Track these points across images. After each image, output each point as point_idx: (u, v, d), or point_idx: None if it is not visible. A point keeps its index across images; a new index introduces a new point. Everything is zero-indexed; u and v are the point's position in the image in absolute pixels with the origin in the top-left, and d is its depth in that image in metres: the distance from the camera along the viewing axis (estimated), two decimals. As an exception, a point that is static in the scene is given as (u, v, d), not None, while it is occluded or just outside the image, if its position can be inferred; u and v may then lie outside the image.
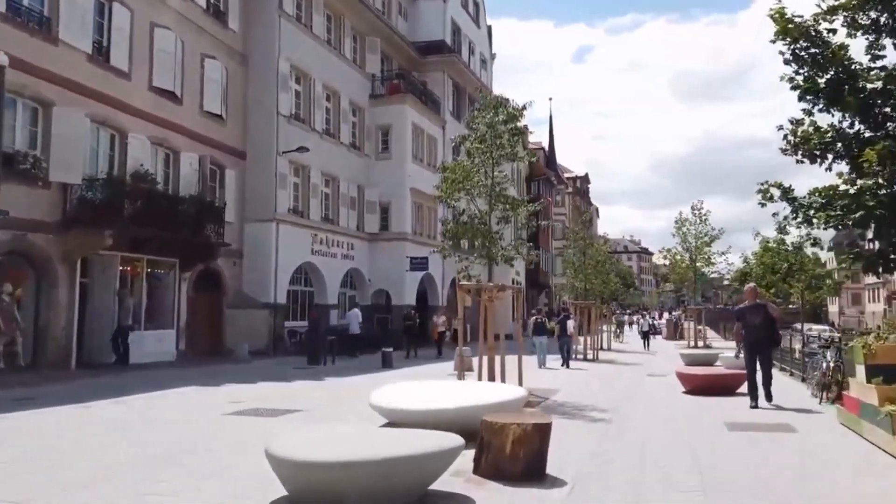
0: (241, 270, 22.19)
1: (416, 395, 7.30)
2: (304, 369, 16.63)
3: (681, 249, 32.08)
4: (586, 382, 14.41)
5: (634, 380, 15.14)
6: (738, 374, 12.05)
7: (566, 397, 11.40)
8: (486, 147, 11.85)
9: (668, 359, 22.25)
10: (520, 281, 46.49)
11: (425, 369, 17.00)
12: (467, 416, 6.43)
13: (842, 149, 8.62)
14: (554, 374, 16.72)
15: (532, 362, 19.00)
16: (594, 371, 17.63)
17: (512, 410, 7.21)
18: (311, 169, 24.37)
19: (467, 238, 11.99)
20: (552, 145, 64.53)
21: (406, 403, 6.93)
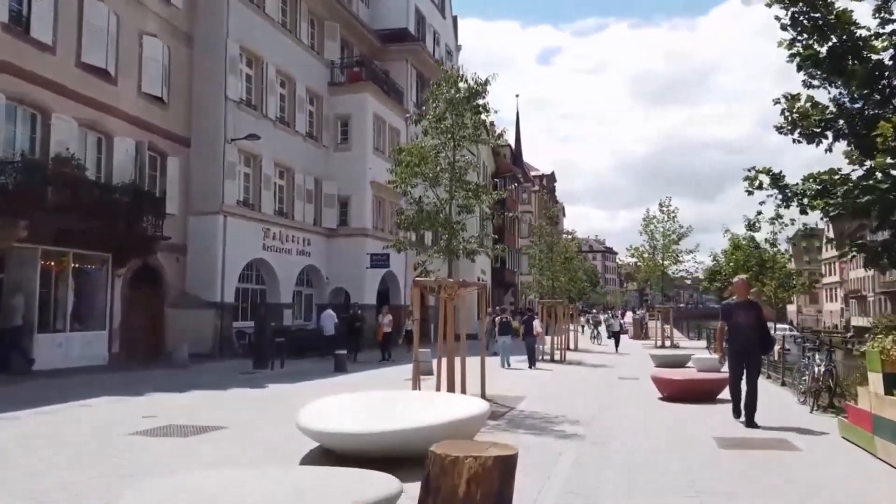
0: (184, 267, 20.52)
1: (354, 412, 6.03)
2: (248, 374, 15.17)
3: (648, 247, 31.44)
4: (555, 387, 13.31)
5: (605, 384, 14.11)
6: (718, 379, 11.08)
7: (534, 406, 10.25)
8: (447, 127, 10.62)
9: (637, 360, 21.39)
10: (485, 279, 45.51)
11: (382, 375, 15.70)
12: (415, 440, 5.21)
13: (844, 126, 7.63)
14: (519, 376, 15.61)
15: (496, 365, 17.97)
16: (562, 374, 16.58)
17: (471, 431, 5.99)
18: (263, 159, 22.81)
19: (424, 229, 10.73)
20: (518, 142, 63.77)
21: (340, 424, 5.65)
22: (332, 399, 6.75)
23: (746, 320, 8.26)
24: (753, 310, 8.40)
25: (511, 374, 16.43)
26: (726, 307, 8.72)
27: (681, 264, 30.56)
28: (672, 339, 30.19)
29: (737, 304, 8.50)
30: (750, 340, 8.24)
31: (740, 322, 8.32)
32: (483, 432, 7.53)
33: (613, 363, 20.23)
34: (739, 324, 8.33)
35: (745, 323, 8.26)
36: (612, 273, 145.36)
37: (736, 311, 8.43)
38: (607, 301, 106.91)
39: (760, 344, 8.38)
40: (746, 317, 8.29)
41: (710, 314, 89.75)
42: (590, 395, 11.85)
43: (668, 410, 9.90)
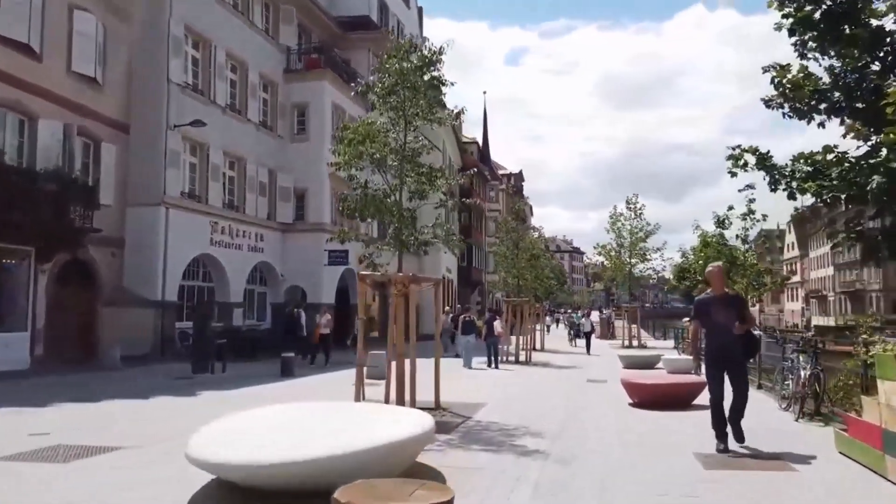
0: (121, 262, 18.97)
1: (262, 435, 4.85)
2: (185, 379, 13.80)
3: (615, 245, 30.74)
4: (518, 392, 12.29)
5: (572, 388, 13.14)
6: (692, 384, 10.18)
7: (493, 414, 9.19)
8: (397, 102, 9.49)
9: (604, 360, 20.58)
10: (451, 278, 44.46)
11: (332, 380, 14.46)
12: (330, 471, 4.08)
13: (841, 99, 6.73)
14: (482, 379, 14.56)
15: (457, 366, 16.92)
16: (527, 376, 15.59)
17: (407, 456, 4.87)
18: (211, 147, 21.33)
19: (370, 216, 9.58)
20: (486, 140, 62.91)
21: (235, 452, 4.45)
22: (239, 417, 5.55)
23: (726, 319, 6.66)
24: (734, 306, 6.83)
25: (473, 376, 15.38)
26: (700, 304, 7.03)
27: (648, 262, 29.94)
28: (640, 338, 29.57)
29: (713, 300, 6.85)
30: (730, 344, 6.65)
31: (719, 322, 6.71)
32: (431, 450, 6.44)
33: (581, 364, 19.35)
34: (717, 324, 6.72)
35: (725, 323, 6.66)
36: (580, 273, 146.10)
37: (712, 308, 6.80)
38: (574, 301, 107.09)
39: (744, 348, 6.80)
40: (726, 315, 6.69)
41: (675, 313, 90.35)
42: (555, 402, 10.84)
43: (641, 419, 8.93)
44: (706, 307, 6.89)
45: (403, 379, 8.82)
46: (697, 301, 7.23)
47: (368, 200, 9.35)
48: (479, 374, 16.30)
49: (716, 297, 6.87)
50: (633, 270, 30.63)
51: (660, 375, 11.55)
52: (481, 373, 16.67)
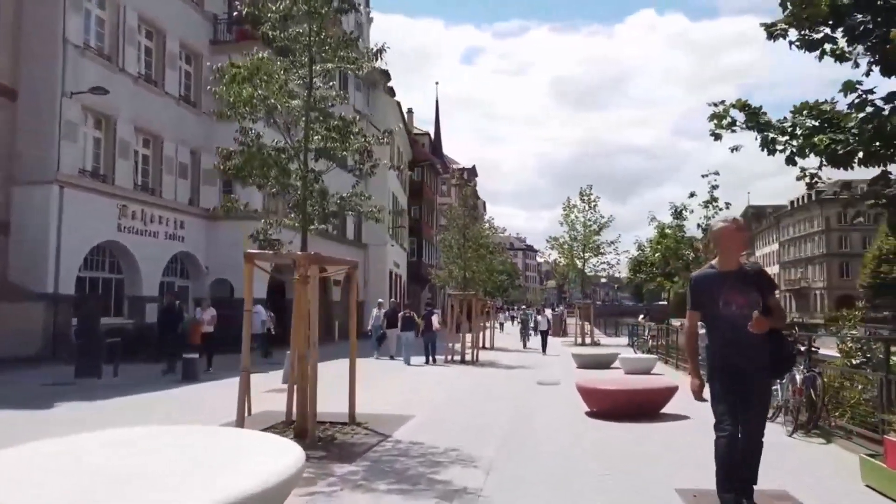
0: (6, 249, 16.36)
1: (25, 482, 2.86)
2: (63, 385, 11.50)
3: (568, 238, 29.40)
4: (456, 398, 10.48)
5: (520, 392, 11.41)
6: (661, 390, 8.57)
7: (420, 431, 7.36)
8: (300, 36, 7.54)
9: (557, 359, 19.03)
10: (400, 273, 42.49)
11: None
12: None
13: (867, 21, 5.14)
14: (418, 381, 12.72)
15: (392, 367, 15.08)
16: (470, 378, 13.82)
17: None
18: (119, 121, 18.81)
19: (259, 178, 7.60)
20: (438, 132, 61.17)
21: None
22: (23, 450, 3.53)
23: (741, 308, 4.05)
24: (754, 286, 4.14)
25: (409, 378, 13.52)
26: (701, 283, 4.29)
27: (602, 256, 28.70)
28: (592, 336, 28.30)
29: (720, 278, 4.18)
30: (747, 349, 4.04)
31: (729, 313, 4.10)
32: (317, 493, 4.55)
33: (531, 364, 17.72)
34: (727, 317, 4.10)
35: (739, 314, 4.05)
36: (533, 271, 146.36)
37: (719, 290, 4.15)
38: (527, 298, 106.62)
39: (772, 358, 4.13)
40: (741, 301, 4.08)
41: (626, 311, 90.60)
42: (498, 411, 9.07)
43: (603, 437, 7.23)
44: (709, 288, 4.18)
45: (304, 389, 6.89)
46: (696, 280, 4.34)
47: (254, 156, 7.34)
48: (417, 374, 14.47)
49: (725, 272, 4.16)
50: (586, 265, 29.39)
51: (621, 380, 9.94)
52: (420, 373, 14.86)
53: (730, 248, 4.25)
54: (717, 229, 4.32)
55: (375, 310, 19.21)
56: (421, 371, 15.42)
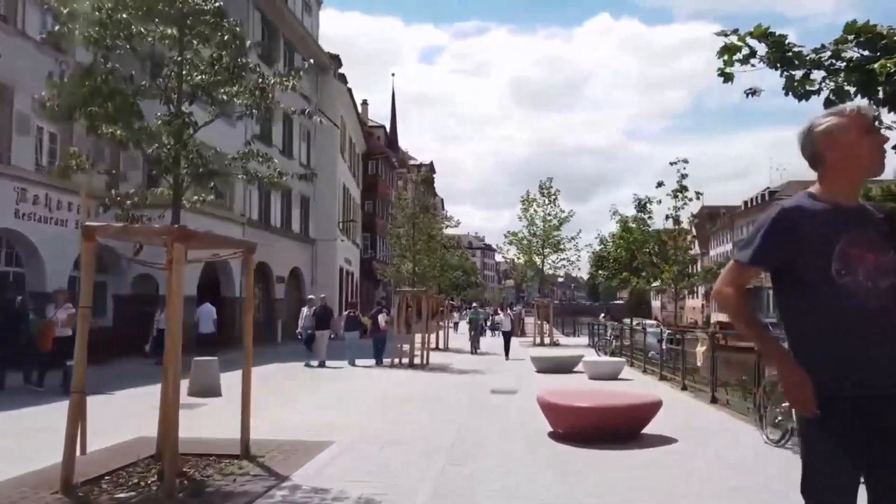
0: None
1: None
2: None
3: (527, 233, 27.95)
4: (392, 415, 8.69)
5: (470, 405, 9.70)
6: (639, 406, 6.96)
7: (333, 467, 5.56)
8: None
9: (514, 362, 17.44)
10: (352, 270, 40.35)
11: (128, 401, 10.33)
12: None
13: None
14: (352, 391, 10.89)
15: (331, 373, 13.14)
16: (415, 386, 12.06)
17: None
18: (19, 91, 16.37)
19: (98, 121, 5.64)
20: (394, 125, 59.21)
21: None
22: None
23: (876, 275, 2.03)
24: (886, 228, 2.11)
25: (340, 389, 11.63)
26: (793, 218, 2.09)
27: (562, 252, 27.32)
28: (552, 336, 26.88)
29: (833, 214, 2.09)
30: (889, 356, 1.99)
31: (856, 283, 2.02)
32: None
33: (485, 368, 16.04)
34: (850, 288, 2.02)
35: (874, 286, 2.02)
36: (491, 270, 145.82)
37: (832, 239, 2.05)
38: (485, 298, 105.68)
39: None
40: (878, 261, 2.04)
41: (583, 310, 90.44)
42: (441, 433, 7.32)
43: (573, 473, 5.54)
44: (813, 232, 2.06)
45: (168, 408, 5.02)
46: (787, 213, 2.11)
47: (95, 88, 5.36)
48: (351, 383, 12.62)
49: (841, 208, 2.11)
50: (545, 261, 27.98)
51: (590, 392, 8.29)
52: (357, 380, 13.05)
53: (854, 162, 2.11)
54: (828, 125, 2.14)
55: (305, 308, 17.14)
56: (359, 377, 13.59)
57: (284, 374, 13.59)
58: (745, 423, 7.56)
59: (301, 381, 12.28)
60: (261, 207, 26.80)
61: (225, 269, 24.00)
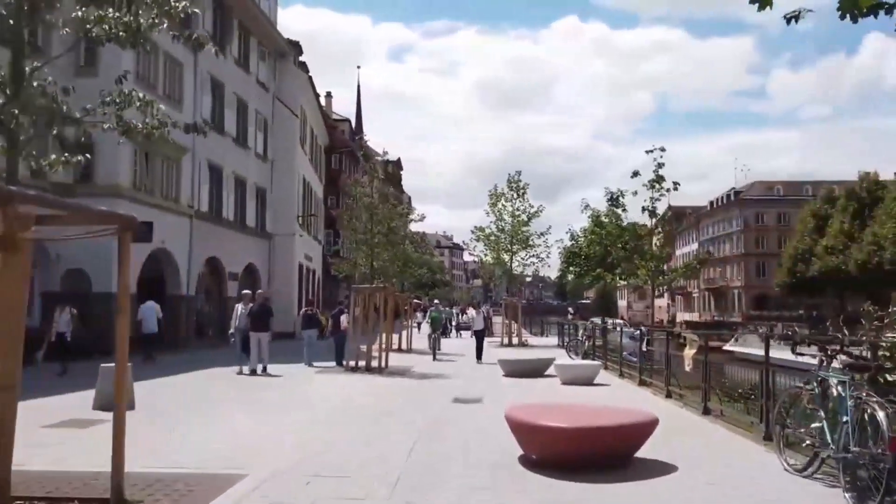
0: None
1: None
2: None
3: (495, 229, 26.73)
4: (332, 435, 7.24)
5: (428, 419, 8.35)
6: (630, 428, 5.68)
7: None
8: None
9: (482, 364, 16.17)
10: (313, 268, 38.55)
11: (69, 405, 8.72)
12: None
13: None
14: (289, 402, 9.44)
15: (255, 387, 11.58)
16: (367, 395, 10.65)
17: None
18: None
19: None
20: (360, 119, 57.56)
21: None
22: None
23: None
24: None
25: (277, 401, 10.12)
26: None
27: (531, 249, 26.16)
28: (520, 336, 25.71)
29: None
30: None
31: None
32: None
33: (449, 372, 14.72)
34: None
35: None
36: (460, 269, 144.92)
37: None
38: (454, 297, 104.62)
39: None
40: None
41: (552, 309, 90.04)
42: (386, 460, 5.94)
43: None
44: None
45: None
46: None
47: None
48: (292, 392, 11.15)
49: None
50: (514, 258, 26.80)
51: (569, 409, 6.85)
52: (303, 386, 11.62)
53: None
54: None
55: (240, 306, 14.50)
56: (302, 385, 12.11)
57: (215, 383, 12.01)
58: (752, 441, 6.37)
59: (231, 391, 10.77)
60: (212, 199, 25.01)
61: (170, 262, 22.21)
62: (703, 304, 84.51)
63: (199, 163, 23.86)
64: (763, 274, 70.06)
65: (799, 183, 73.36)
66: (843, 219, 51.49)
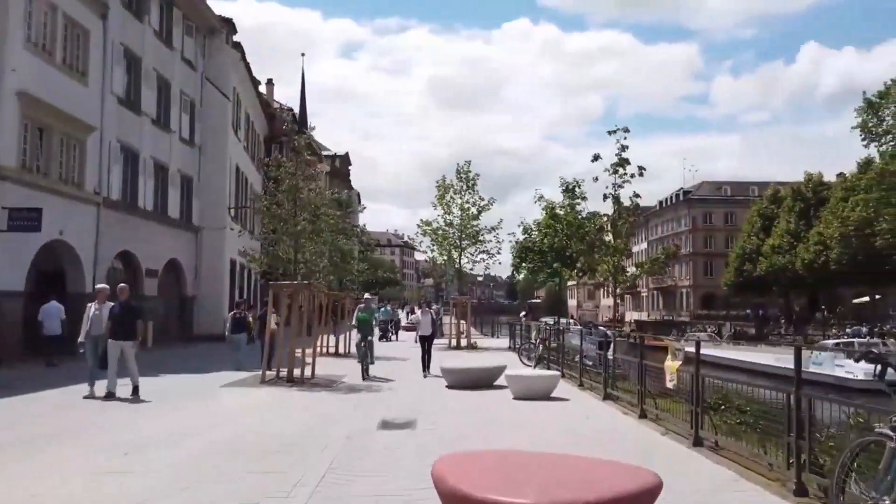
0: None
1: None
2: None
3: (443, 223, 24.84)
4: (189, 490, 5.11)
5: (340, 455, 6.29)
6: (623, 500, 3.73)
7: None
8: None
9: (417, 372, 14.12)
10: (253, 267, 35.69)
11: None
12: None
13: None
14: (176, 421, 7.21)
15: (116, 415, 8.98)
16: (277, 416, 8.51)
17: None
18: None
19: None
20: (304, 108, 54.62)
21: None
22: None
23: None
24: None
25: (152, 423, 7.86)
26: None
27: (481, 244, 24.37)
28: (469, 336, 23.88)
29: None
30: None
31: None
32: None
33: (384, 384, 12.67)
34: None
35: None
36: (411, 269, 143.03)
37: None
38: (404, 297, 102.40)
39: None
40: None
41: (503, 309, 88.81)
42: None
43: None
44: None
45: None
46: None
47: None
48: (196, 406, 8.91)
49: None
50: (463, 254, 24.94)
51: (528, 462, 4.84)
52: (210, 401, 9.37)
53: None
54: None
55: (93, 306, 10.58)
56: (187, 409, 9.60)
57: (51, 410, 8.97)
58: (777, 497, 4.58)
59: (87, 417, 8.38)
60: (125, 185, 22.24)
61: (72, 256, 19.38)
62: (651, 304, 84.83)
63: (110, 144, 21.08)
64: (711, 273, 70.45)
65: (746, 183, 74.24)
66: (790, 219, 51.74)
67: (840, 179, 48.08)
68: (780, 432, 4.78)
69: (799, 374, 4.59)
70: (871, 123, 30.54)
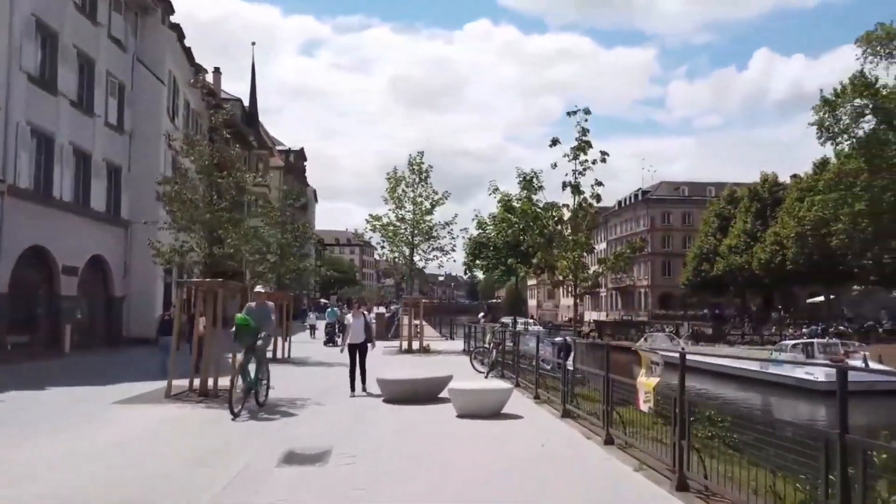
0: None
1: None
2: None
3: (394, 218, 23.17)
4: None
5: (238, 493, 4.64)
6: None
7: None
8: None
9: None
10: (190, 264, 33.52)
11: None
12: None
13: None
14: (40, 453, 5.44)
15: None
16: (161, 445, 6.77)
17: None
18: None
19: None
20: (254, 99, 52.26)
21: None
22: None
23: None
24: None
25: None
26: None
27: (435, 241, 22.81)
28: (422, 337, 22.28)
29: None
30: None
31: None
32: None
33: (306, 395, 10.96)
34: None
35: None
36: (371, 268, 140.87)
37: None
38: (362, 296, 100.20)
39: None
40: None
41: (463, 309, 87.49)
42: None
43: None
44: None
45: None
46: None
47: None
48: (69, 432, 7.09)
49: None
50: (416, 251, 23.32)
51: None
52: (79, 428, 7.52)
53: None
54: None
55: None
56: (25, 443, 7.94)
57: None
58: None
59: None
60: (38, 172, 19.91)
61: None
62: (610, 304, 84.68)
63: (18, 125, 18.78)
64: (669, 273, 70.46)
65: (703, 184, 74.53)
66: (746, 219, 51.78)
67: (795, 180, 48.23)
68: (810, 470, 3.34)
69: (843, 390, 3.12)
70: (828, 122, 30.12)
